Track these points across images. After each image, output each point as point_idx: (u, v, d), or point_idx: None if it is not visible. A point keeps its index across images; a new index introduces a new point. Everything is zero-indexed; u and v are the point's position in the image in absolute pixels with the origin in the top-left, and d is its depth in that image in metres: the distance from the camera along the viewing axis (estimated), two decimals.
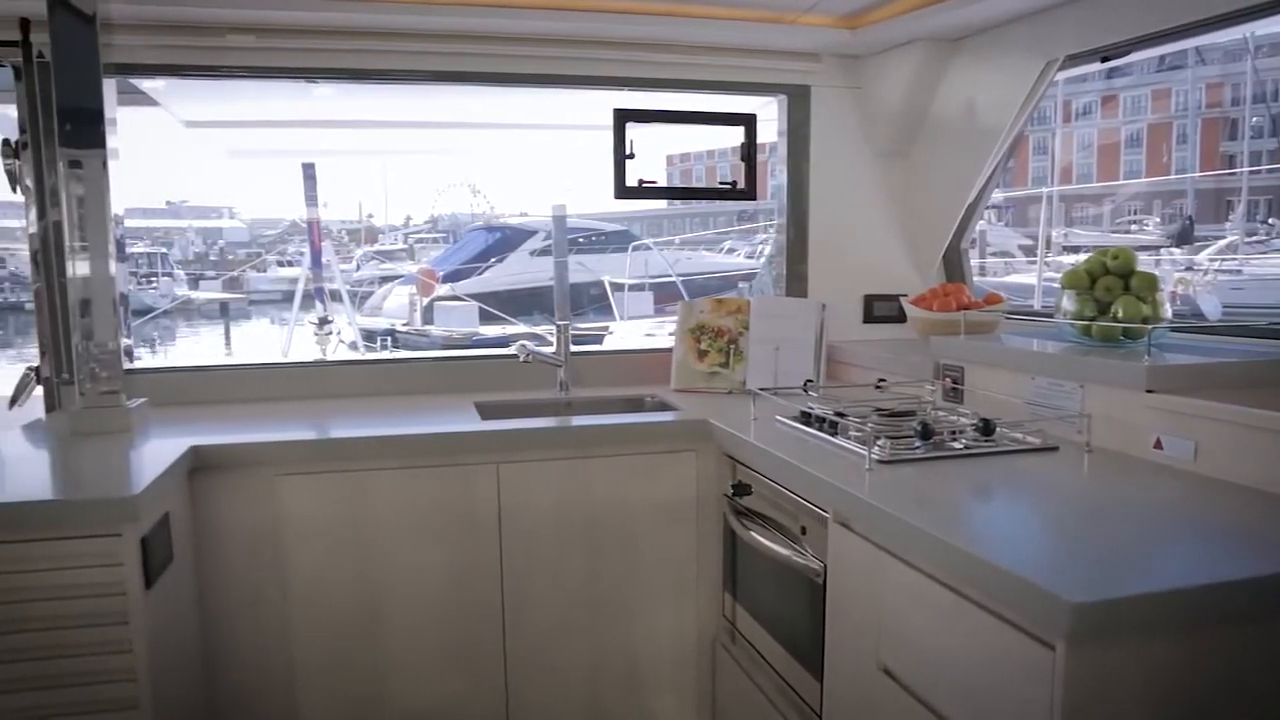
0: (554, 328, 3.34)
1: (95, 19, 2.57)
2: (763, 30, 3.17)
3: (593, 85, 3.36)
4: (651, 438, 2.74)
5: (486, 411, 2.89)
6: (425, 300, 13.09)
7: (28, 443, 2.62)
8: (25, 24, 2.80)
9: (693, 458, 2.73)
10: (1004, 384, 2.50)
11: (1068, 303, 2.45)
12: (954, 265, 3.59)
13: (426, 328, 12.57)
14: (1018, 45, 2.92)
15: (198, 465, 2.43)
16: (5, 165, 2.83)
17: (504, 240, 15.68)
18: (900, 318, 3.39)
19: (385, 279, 16.10)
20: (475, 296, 12.70)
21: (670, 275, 12.71)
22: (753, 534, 2.39)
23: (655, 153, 3.39)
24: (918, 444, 2.13)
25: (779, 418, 2.57)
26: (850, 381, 3.19)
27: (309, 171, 8.79)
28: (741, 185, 3.38)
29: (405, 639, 2.63)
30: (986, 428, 2.20)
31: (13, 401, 2.90)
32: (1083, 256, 2.60)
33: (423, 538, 2.59)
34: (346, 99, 3.82)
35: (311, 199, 8.89)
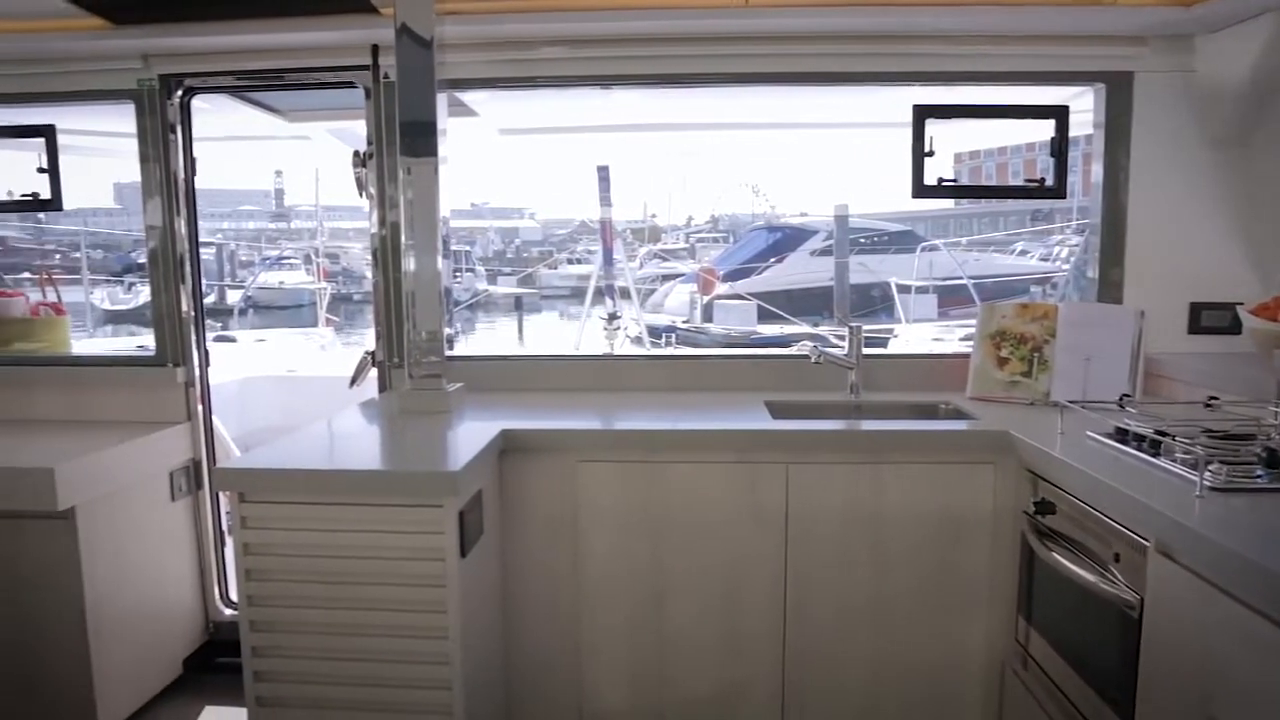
0: (844, 329, 3.29)
1: (433, 42, 2.85)
2: (1080, 14, 2.95)
3: (889, 82, 3.27)
4: (947, 446, 2.63)
5: (777, 411, 2.90)
6: (706, 298, 13.34)
7: (363, 419, 2.96)
8: (375, 50, 3.16)
9: (990, 470, 2.59)
10: None
11: None
12: None
13: (706, 325, 12.81)
14: None
15: (507, 447, 2.64)
16: (355, 174, 3.21)
17: (784, 240, 15.66)
18: (1234, 329, 3.02)
19: (667, 277, 16.57)
20: (754, 295, 12.76)
21: (959, 277, 12.12)
22: (1055, 556, 2.23)
23: (943, 150, 3.25)
24: (1260, 472, 1.90)
25: (1090, 433, 2.38)
26: (1173, 398, 2.89)
27: (603, 174, 9.21)
28: (1050, 182, 3.17)
29: (687, 625, 2.71)
30: None
31: (352, 381, 3.30)
32: None
33: (711, 530, 2.66)
34: (640, 103, 3.97)
35: (605, 200, 9.31)
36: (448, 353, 3.11)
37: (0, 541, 2.92)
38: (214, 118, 3.79)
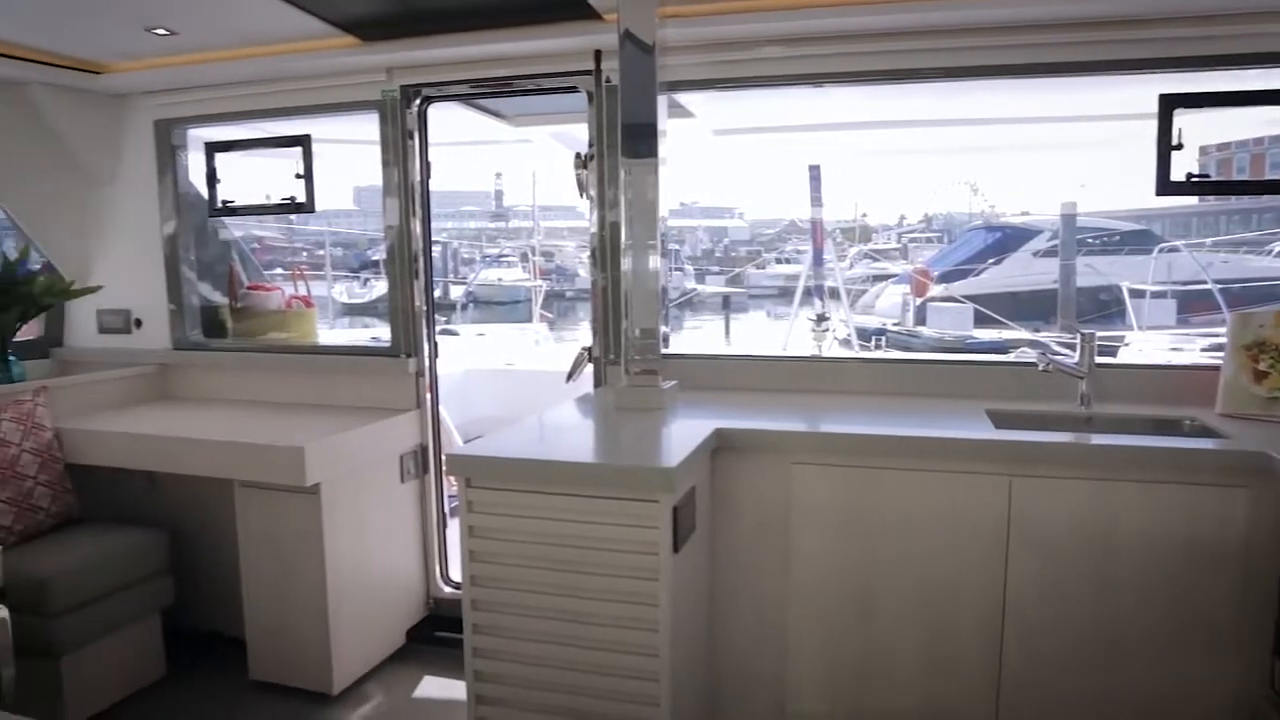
0: (1068, 335, 3.10)
1: (654, 46, 2.90)
2: None
3: (1128, 70, 3.01)
4: (1191, 467, 2.41)
5: (1000, 420, 2.77)
6: (918, 300, 12.88)
7: (579, 413, 3.06)
8: (598, 55, 3.26)
9: (1243, 495, 2.36)
10: None
11: None
12: None
13: (918, 328, 12.36)
14: None
15: (720, 445, 2.65)
16: (576, 175, 3.32)
17: (1004, 240, 14.84)
18: None
19: (878, 277, 16.12)
20: (971, 298, 12.18)
21: (1203, 281, 11.08)
22: None
23: (1188, 141, 2.97)
24: None
25: None
26: None
27: (815, 173, 9.11)
28: None
29: (896, 636, 2.63)
30: None
31: (569, 376, 3.42)
32: None
33: (925, 540, 2.57)
34: (853, 101, 3.89)
35: (816, 199, 9.22)
36: (662, 350, 3.16)
37: (260, 510, 3.25)
38: (443, 123, 4.02)
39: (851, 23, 3.01)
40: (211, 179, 3.90)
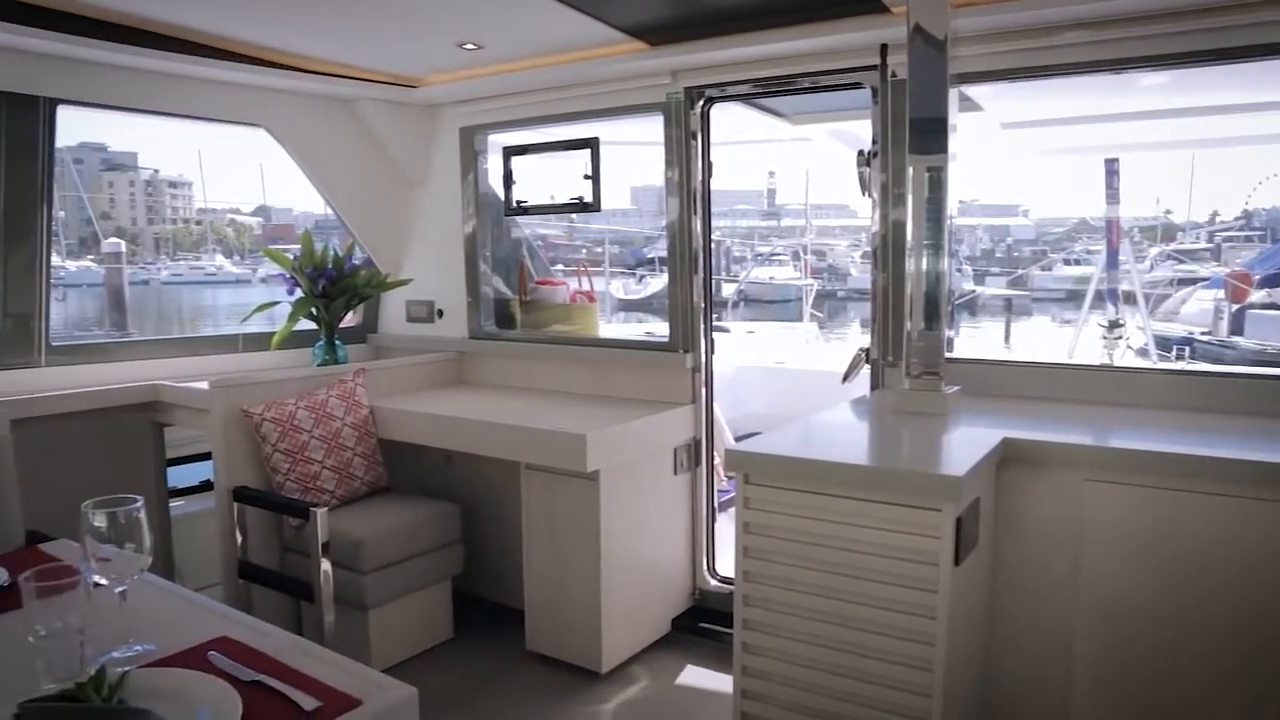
0: None
1: (946, 39, 2.79)
2: None
3: None
4: None
5: None
6: (1234, 307, 11.50)
7: (855, 415, 3.01)
8: (884, 49, 3.18)
9: None
10: None
11: None
12: None
13: (1233, 339, 11.05)
14: None
15: (1007, 456, 2.50)
16: (859, 173, 3.26)
17: None
18: None
19: (1184, 281, 14.62)
20: None
21: None
22: None
23: None
24: None
25: None
26: None
27: (1112, 167, 8.39)
28: None
29: (1199, 680, 2.36)
30: None
31: (845, 377, 3.36)
32: None
33: (1240, 576, 2.28)
34: (1159, 86, 3.55)
35: (1112, 196, 8.49)
36: (949, 355, 3.03)
37: (543, 492, 3.46)
38: (722, 122, 4.08)
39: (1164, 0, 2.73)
40: (508, 181, 4.19)
